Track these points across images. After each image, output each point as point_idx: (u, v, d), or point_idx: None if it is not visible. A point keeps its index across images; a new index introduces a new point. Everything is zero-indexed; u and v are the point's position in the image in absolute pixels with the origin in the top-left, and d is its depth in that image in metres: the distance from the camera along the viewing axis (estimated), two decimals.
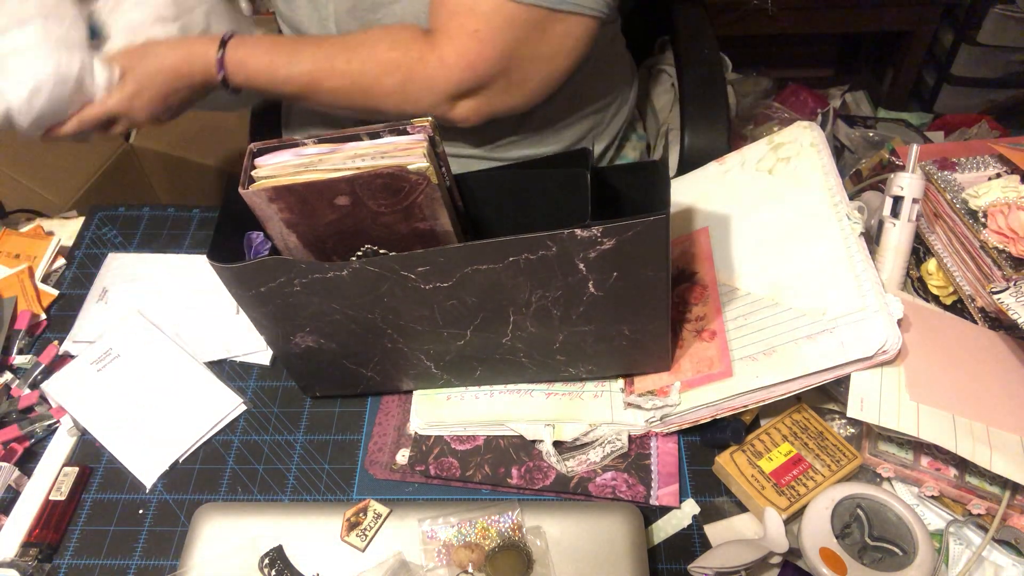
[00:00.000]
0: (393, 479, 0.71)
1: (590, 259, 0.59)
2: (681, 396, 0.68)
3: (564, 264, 0.60)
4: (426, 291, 0.62)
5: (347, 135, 0.61)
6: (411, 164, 0.58)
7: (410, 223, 0.62)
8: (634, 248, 0.58)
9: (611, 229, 0.57)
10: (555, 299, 0.63)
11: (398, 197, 0.59)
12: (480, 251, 0.59)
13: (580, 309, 0.64)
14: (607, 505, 0.65)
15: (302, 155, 0.60)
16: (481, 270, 0.60)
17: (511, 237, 0.58)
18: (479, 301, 0.63)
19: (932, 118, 1.93)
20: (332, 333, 0.67)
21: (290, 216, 0.61)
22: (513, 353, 0.69)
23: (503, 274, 0.60)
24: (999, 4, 1.81)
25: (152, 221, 0.95)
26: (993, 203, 0.73)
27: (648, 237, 0.58)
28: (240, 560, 0.63)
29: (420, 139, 0.60)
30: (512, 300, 0.63)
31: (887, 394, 0.62)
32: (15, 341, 0.81)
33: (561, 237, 0.58)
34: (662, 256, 0.59)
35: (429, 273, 0.61)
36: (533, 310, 0.64)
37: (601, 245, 0.58)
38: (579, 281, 0.61)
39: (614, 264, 0.60)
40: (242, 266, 0.61)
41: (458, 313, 0.64)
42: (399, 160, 0.58)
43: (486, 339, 0.67)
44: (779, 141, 0.79)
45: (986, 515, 0.65)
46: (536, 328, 0.66)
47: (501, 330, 0.66)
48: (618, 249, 0.58)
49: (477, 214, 0.72)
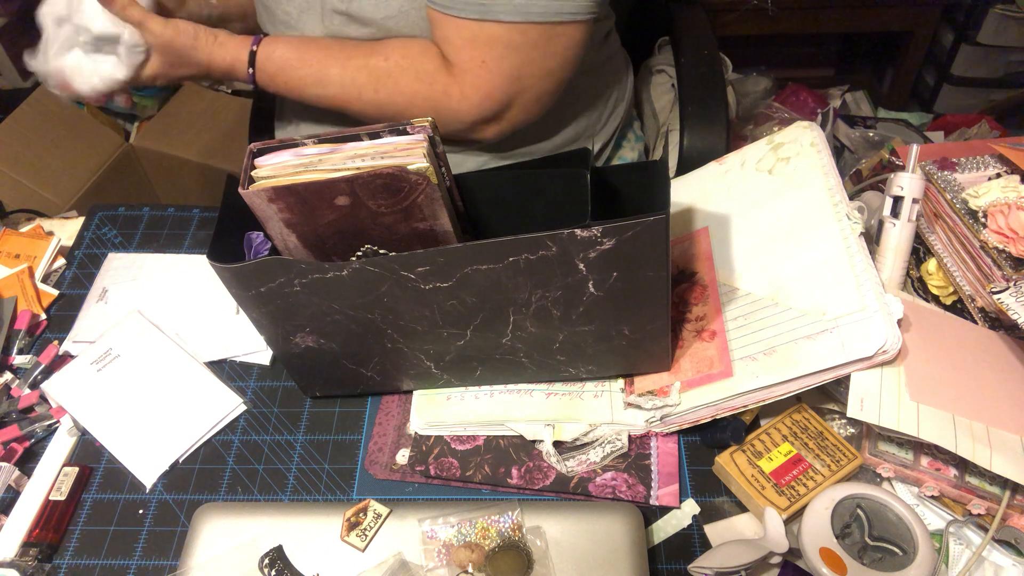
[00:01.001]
0: (393, 479, 0.71)
1: (590, 259, 0.59)
2: (681, 396, 0.68)
3: (564, 264, 0.60)
4: (426, 291, 0.62)
5: (347, 135, 0.61)
6: (411, 164, 0.58)
7: (410, 223, 0.62)
8: (634, 248, 0.58)
9: (611, 229, 0.57)
10: (555, 299, 0.63)
11: (398, 197, 0.59)
12: (480, 251, 0.59)
13: (580, 309, 0.64)
14: (607, 505, 0.66)
15: (302, 155, 0.60)
16: (481, 270, 0.60)
17: (511, 237, 0.58)
18: (479, 301, 0.63)
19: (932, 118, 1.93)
20: (332, 333, 0.67)
21: (290, 216, 0.61)
22: (513, 353, 0.69)
23: (503, 274, 0.60)
24: (999, 4, 1.81)
25: (152, 221, 0.95)
26: (993, 203, 0.73)
27: (648, 237, 0.58)
28: (240, 560, 0.63)
29: (420, 139, 0.60)
30: (512, 300, 0.63)
31: (887, 394, 0.62)
32: (15, 341, 0.81)
33: (561, 237, 0.58)
34: (662, 256, 0.59)
35: (429, 273, 0.61)
36: (533, 310, 0.64)
37: (601, 245, 0.58)
38: (579, 281, 0.61)
39: (614, 264, 0.60)
40: (241, 266, 0.61)
41: (458, 313, 0.64)
42: (399, 160, 0.58)
43: (486, 339, 0.67)
44: (779, 141, 0.79)
45: (986, 515, 0.65)
46: (536, 328, 0.66)
47: (501, 330, 0.66)
48: (618, 249, 0.58)
49: (477, 214, 0.73)
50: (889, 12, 1.89)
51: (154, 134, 1.93)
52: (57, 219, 0.97)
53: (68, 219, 0.97)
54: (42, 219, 0.96)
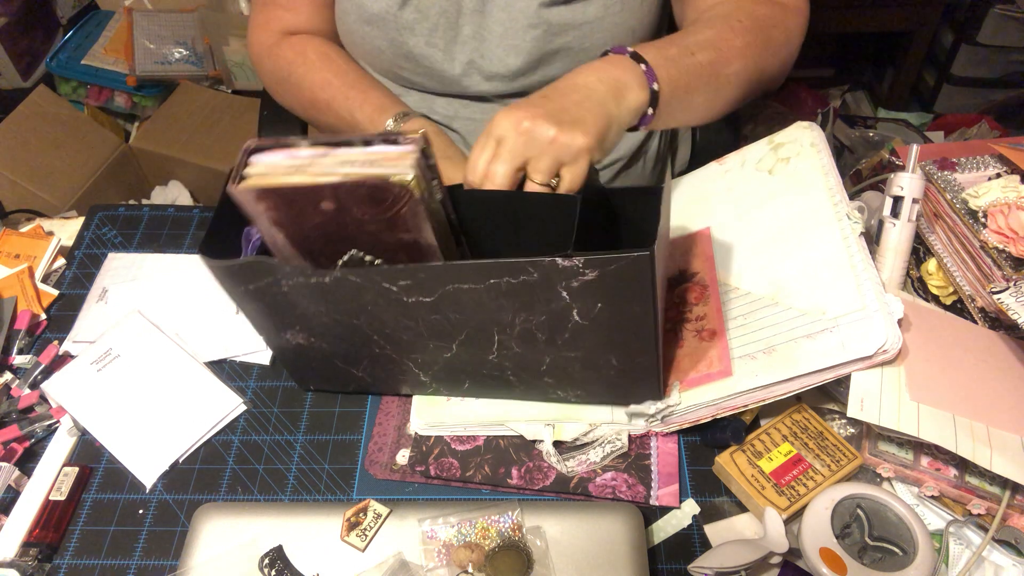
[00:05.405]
0: (393, 479, 0.71)
1: (573, 288, 0.58)
2: (681, 396, 0.68)
3: (546, 291, 0.59)
4: (408, 304, 0.62)
5: (340, 140, 0.60)
6: (396, 175, 0.56)
7: (395, 233, 0.61)
8: (618, 282, 0.57)
9: (593, 261, 0.56)
10: (539, 323, 0.62)
11: (382, 207, 0.58)
12: (461, 271, 0.59)
13: (566, 335, 0.63)
14: (607, 505, 0.65)
15: (295, 157, 0.60)
16: (463, 289, 0.60)
17: (491, 260, 0.57)
18: (462, 318, 0.63)
19: (932, 118, 1.93)
20: (321, 333, 0.67)
21: (276, 216, 0.60)
22: (500, 370, 0.68)
23: (485, 295, 0.60)
24: (999, 4, 1.81)
25: (152, 221, 0.95)
26: (993, 203, 0.73)
27: (633, 272, 0.56)
28: (240, 560, 0.63)
29: (410, 150, 0.58)
30: (496, 320, 0.62)
31: (887, 394, 0.62)
32: (15, 341, 0.81)
33: (542, 264, 0.57)
34: (647, 292, 0.57)
35: (411, 287, 0.60)
36: (517, 331, 0.63)
37: (584, 276, 0.57)
38: (563, 308, 0.60)
39: (597, 295, 0.58)
40: (229, 264, 0.62)
41: (442, 327, 0.64)
42: (386, 170, 0.57)
43: (472, 354, 0.67)
44: (779, 141, 0.79)
45: (986, 515, 0.65)
46: (521, 349, 0.65)
47: (487, 347, 0.66)
48: (601, 281, 0.57)
49: (471, 227, 0.70)
50: (889, 12, 1.89)
51: (153, 135, 1.93)
52: (57, 219, 0.97)
53: (68, 219, 0.97)
54: (42, 219, 0.96)
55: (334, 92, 0.87)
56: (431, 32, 0.83)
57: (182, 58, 2.05)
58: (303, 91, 0.90)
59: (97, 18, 2.12)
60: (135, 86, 1.99)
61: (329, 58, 0.89)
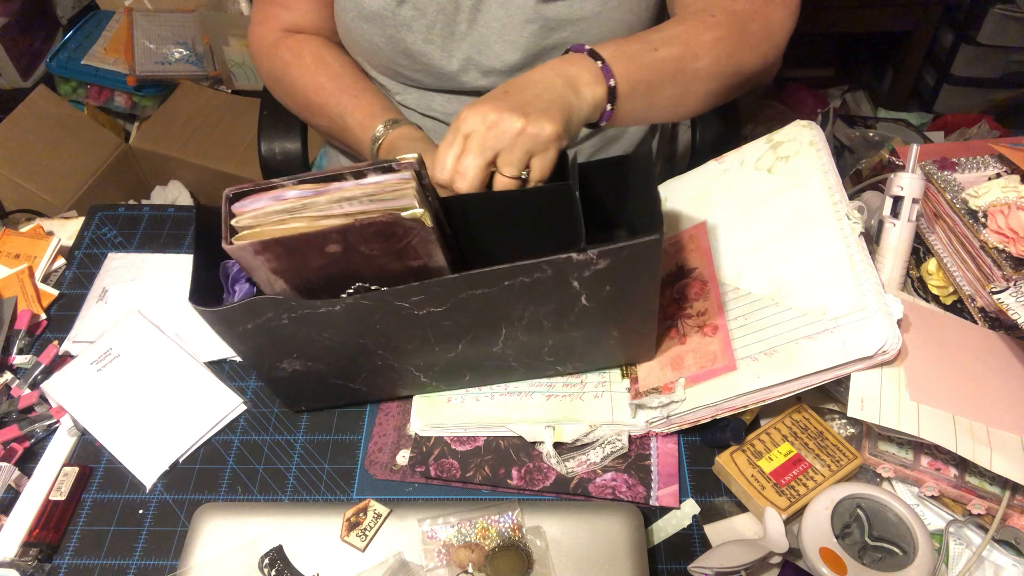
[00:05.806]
0: (393, 479, 0.71)
1: (584, 277, 0.59)
2: (687, 392, 0.68)
3: (559, 283, 0.59)
4: (419, 316, 0.61)
5: (330, 175, 0.58)
6: (405, 210, 0.55)
7: (403, 262, 0.60)
8: (628, 265, 0.58)
9: (607, 251, 0.57)
10: (547, 312, 0.62)
11: (391, 242, 0.57)
12: (476, 279, 0.58)
13: (571, 319, 0.63)
14: (607, 505, 0.65)
15: (283, 199, 0.56)
16: (476, 295, 0.60)
17: (508, 265, 0.57)
18: (473, 320, 0.63)
19: (932, 118, 1.93)
20: (319, 356, 0.66)
21: (277, 265, 0.58)
22: (503, 359, 0.69)
23: (498, 296, 0.60)
24: (999, 4, 1.81)
25: (152, 221, 0.95)
26: (993, 203, 0.73)
27: (643, 254, 0.58)
28: (240, 560, 0.63)
29: (407, 177, 0.57)
30: (505, 316, 0.63)
31: (887, 394, 0.62)
32: (15, 341, 0.81)
33: (558, 261, 0.57)
34: (655, 270, 0.59)
35: (423, 301, 0.60)
36: (525, 323, 0.64)
37: (596, 266, 0.58)
38: (572, 296, 0.61)
39: (607, 280, 0.60)
40: (228, 308, 0.59)
41: (450, 331, 0.64)
42: (389, 204, 0.56)
43: (477, 350, 0.67)
44: (778, 140, 0.79)
45: (986, 515, 0.65)
46: (527, 337, 0.66)
47: (493, 341, 0.66)
48: (612, 267, 0.58)
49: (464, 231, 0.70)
50: (889, 12, 1.89)
51: (153, 135, 1.93)
52: (57, 219, 0.97)
53: (68, 219, 0.97)
54: (42, 219, 0.96)
55: (327, 96, 0.87)
56: (429, 29, 0.83)
57: (182, 58, 2.05)
58: (297, 93, 0.90)
59: (97, 18, 2.12)
60: (135, 86, 1.99)
61: (324, 61, 0.89)
